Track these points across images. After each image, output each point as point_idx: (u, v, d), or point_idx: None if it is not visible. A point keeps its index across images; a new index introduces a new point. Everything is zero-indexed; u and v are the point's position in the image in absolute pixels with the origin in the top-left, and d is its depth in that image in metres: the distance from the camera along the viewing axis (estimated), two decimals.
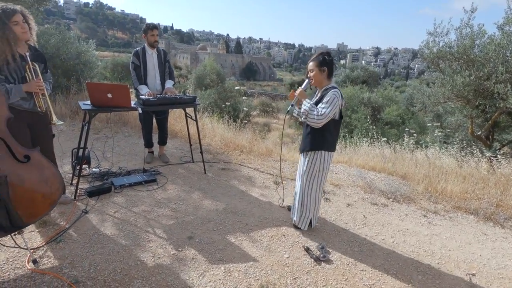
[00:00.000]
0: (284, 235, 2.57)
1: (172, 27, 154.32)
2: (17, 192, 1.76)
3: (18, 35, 2.02)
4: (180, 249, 2.23)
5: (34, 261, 1.93)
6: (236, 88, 9.65)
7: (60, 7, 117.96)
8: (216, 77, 14.61)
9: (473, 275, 2.33)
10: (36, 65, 2.15)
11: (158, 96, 3.20)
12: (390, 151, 5.38)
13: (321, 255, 2.32)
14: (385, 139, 6.56)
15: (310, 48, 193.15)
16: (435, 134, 8.16)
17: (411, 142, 5.96)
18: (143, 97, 3.09)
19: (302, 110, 2.38)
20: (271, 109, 20.75)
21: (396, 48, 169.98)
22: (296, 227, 2.68)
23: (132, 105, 2.87)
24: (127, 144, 4.43)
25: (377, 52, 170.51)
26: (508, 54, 4.72)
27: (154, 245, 2.25)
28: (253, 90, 42.53)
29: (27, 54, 2.09)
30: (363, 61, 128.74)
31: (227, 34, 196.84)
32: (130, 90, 4.97)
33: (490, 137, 6.27)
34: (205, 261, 2.14)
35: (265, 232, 2.59)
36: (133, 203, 2.81)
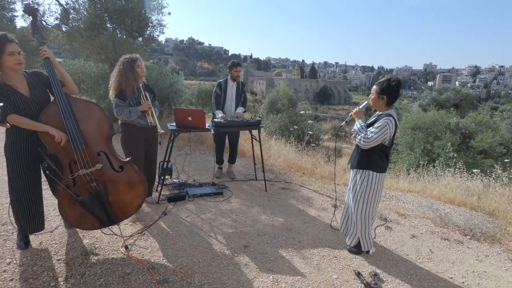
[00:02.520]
0: (336, 257, 2.58)
1: (251, 56, 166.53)
2: (113, 195, 2.29)
3: (139, 74, 2.91)
4: (236, 255, 2.49)
5: (126, 247, 2.46)
6: (301, 112, 9.85)
7: (162, 45, 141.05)
8: (287, 101, 15.18)
9: None
10: (147, 93, 2.99)
11: (229, 119, 3.67)
12: (478, 184, 4.70)
13: (373, 282, 2.26)
14: (476, 170, 5.73)
15: (391, 70, 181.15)
16: None
17: (507, 175, 5.08)
18: (216, 119, 3.60)
19: (353, 129, 2.50)
20: (343, 133, 20.10)
21: (502, 66, 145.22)
22: (350, 251, 2.66)
23: (206, 127, 3.39)
24: (202, 160, 5.06)
25: (475, 72, 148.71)
26: None
27: (214, 248, 2.57)
28: (326, 114, 41.97)
29: (141, 86, 2.94)
30: (456, 82, 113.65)
31: (303, 60, 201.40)
32: (208, 114, 5.74)
33: None
34: (256, 268, 2.34)
35: (317, 251, 2.65)
36: (202, 211, 3.23)
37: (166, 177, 3.83)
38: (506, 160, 7.40)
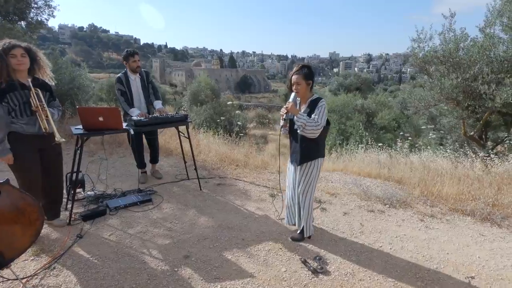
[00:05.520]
0: (281, 249, 2.55)
1: (166, 46, 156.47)
2: None
3: (13, 66, 2.21)
4: (176, 269, 2.22)
5: None
6: (228, 102, 9.72)
7: (55, 32, 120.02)
8: (210, 92, 14.78)
9: (472, 278, 2.31)
10: (39, 91, 2.31)
11: (150, 116, 3.24)
12: (386, 157, 5.40)
13: (319, 267, 2.31)
14: (380, 144, 6.60)
15: (303, 59, 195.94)
16: (430, 137, 8.22)
17: (405, 146, 6.01)
18: (135, 118, 3.12)
19: (298, 123, 2.36)
20: (267, 120, 20.87)
21: (387, 54, 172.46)
22: (293, 239, 2.67)
23: (124, 127, 2.90)
24: (122, 164, 4.44)
25: (369, 59, 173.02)
26: (491, 55, 4.83)
27: (149, 266, 2.23)
28: (249, 103, 42.89)
29: (29, 80, 2.27)
30: (355, 68, 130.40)
31: (221, 50, 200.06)
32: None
33: (484, 136, 6.32)
34: (201, 280, 2.13)
35: (262, 246, 2.57)
36: (129, 225, 2.79)
37: (78, 191, 3.18)
38: (401, 133, 8.77)
